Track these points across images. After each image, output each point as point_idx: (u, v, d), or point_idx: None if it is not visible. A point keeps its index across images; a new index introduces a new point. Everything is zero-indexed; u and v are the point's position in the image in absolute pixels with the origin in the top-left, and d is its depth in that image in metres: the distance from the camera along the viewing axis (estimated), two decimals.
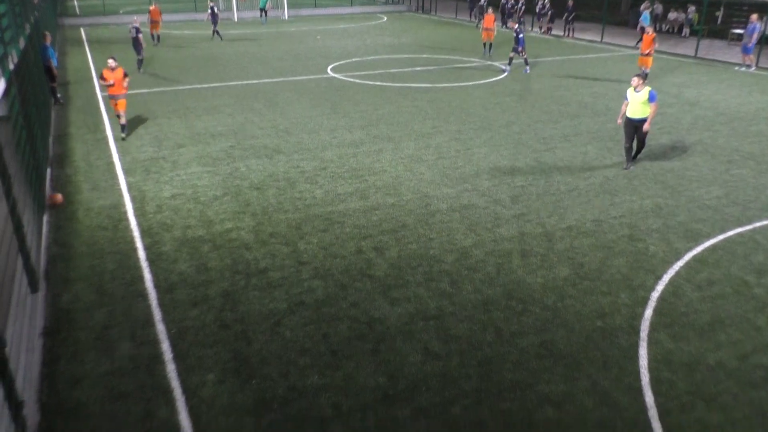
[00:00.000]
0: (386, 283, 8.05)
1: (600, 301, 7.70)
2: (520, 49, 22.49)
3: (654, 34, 20.99)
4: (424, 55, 22.96)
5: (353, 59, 25.26)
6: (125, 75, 14.00)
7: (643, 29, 26.75)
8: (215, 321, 7.21)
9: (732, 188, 11.39)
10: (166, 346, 6.72)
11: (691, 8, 28.92)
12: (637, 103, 11.79)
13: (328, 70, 22.85)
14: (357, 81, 20.98)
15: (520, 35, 22.35)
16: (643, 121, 11.84)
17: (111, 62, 13.80)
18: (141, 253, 8.78)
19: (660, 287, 8.02)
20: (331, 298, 7.73)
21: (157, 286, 7.93)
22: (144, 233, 9.41)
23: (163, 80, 21.04)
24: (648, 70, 21.16)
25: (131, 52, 23.25)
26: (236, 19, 40.14)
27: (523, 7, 35.87)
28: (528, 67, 23.02)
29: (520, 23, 28.66)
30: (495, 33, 26.28)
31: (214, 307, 7.50)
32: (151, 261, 8.56)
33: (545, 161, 12.80)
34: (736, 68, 23.81)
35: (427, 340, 6.90)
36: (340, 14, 45.67)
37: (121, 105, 14.04)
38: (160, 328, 7.05)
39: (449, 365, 6.50)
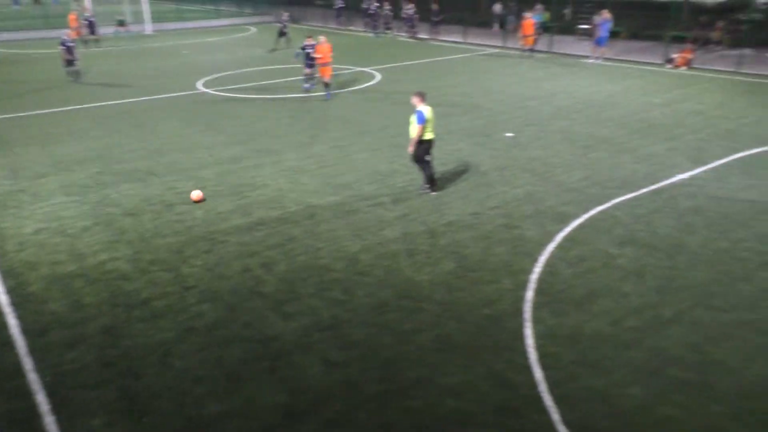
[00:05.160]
0: (278, 299, 7.93)
1: (485, 289, 8.05)
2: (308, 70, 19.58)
3: (533, 20, 26.22)
4: (298, 65, 22.85)
5: (225, 73, 24.65)
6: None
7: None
8: (97, 360, 6.74)
9: (591, 171, 12.35)
10: (41, 397, 6.18)
11: (539, 6, 31.10)
12: (412, 123, 10.78)
13: (200, 86, 22.13)
14: (231, 95, 20.50)
15: (307, 50, 19.13)
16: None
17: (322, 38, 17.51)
18: (3, 298, 8.02)
19: (538, 269, 8.52)
20: (221, 320, 7.48)
21: (25, 331, 7.27)
22: (6, 275, 8.60)
23: (17, 104, 19.35)
24: (533, 46, 26.69)
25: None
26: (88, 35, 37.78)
27: (391, 13, 36.72)
28: (307, 86, 19.93)
29: (381, 28, 29.50)
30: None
31: (95, 345, 7.01)
32: (16, 305, 7.84)
33: None
34: (589, 60, 25.83)
35: (325, 351, 6.87)
36: (208, 27, 44.38)
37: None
38: (33, 377, 6.47)
39: (350, 372, 6.52)
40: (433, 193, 11.22)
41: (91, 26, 32.42)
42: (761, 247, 8.98)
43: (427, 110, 10.67)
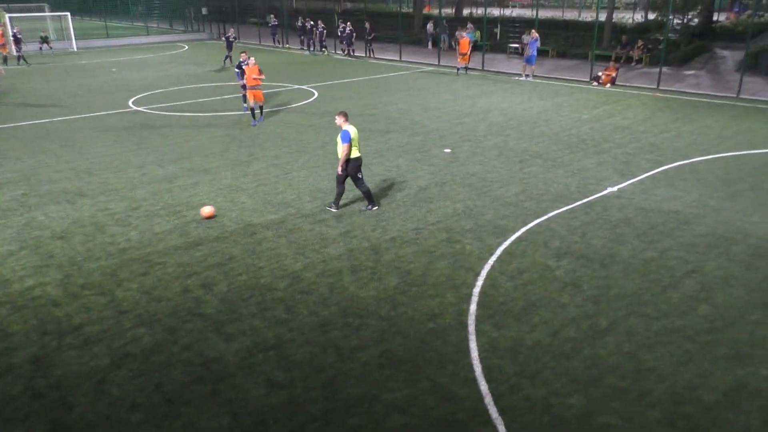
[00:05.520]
0: (219, 320, 7.73)
1: (429, 303, 8.12)
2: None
3: (468, 38, 27.41)
4: (231, 83, 22.57)
5: (156, 91, 24.07)
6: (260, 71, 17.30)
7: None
8: (25, 391, 6.36)
9: (526, 185, 12.72)
10: None
11: (470, 26, 32.08)
12: (338, 144, 10.80)
13: (130, 104, 21.51)
14: (163, 113, 20.01)
15: (243, 66, 17.94)
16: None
17: (251, 60, 17.26)
18: None
19: (480, 282, 8.67)
20: (159, 344, 7.22)
21: None
22: None
23: None
24: (467, 64, 27.85)
25: None
26: (14, 53, 36.20)
27: (324, 31, 36.85)
28: (246, 106, 18.73)
29: (316, 46, 29.78)
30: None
31: (22, 375, 6.62)
32: None
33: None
34: (521, 78, 26.72)
35: (268, 371, 6.74)
36: (137, 44, 43.30)
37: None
38: None
39: (294, 392, 6.41)
40: (374, 208, 11.27)
41: (18, 43, 31.34)
42: (686, 256, 9.46)
43: (352, 129, 10.72)
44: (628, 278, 8.79)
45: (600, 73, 25.48)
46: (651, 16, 39.94)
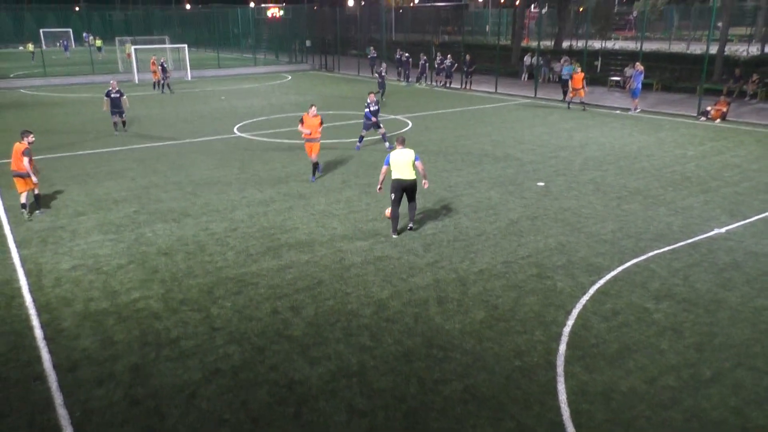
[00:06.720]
0: (305, 343, 7.89)
1: (516, 340, 7.89)
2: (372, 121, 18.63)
3: (583, 74, 26.13)
4: (330, 112, 23.39)
5: (260, 118, 25.29)
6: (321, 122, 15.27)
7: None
8: (124, 398, 6.75)
9: (624, 222, 12.18)
10: None
11: (566, 58, 31.45)
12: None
13: (235, 130, 22.70)
14: (264, 139, 20.96)
15: (372, 107, 18.36)
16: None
17: (312, 109, 15.11)
18: (38, 332, 8.14)
19: (570, 321, 8.34)
20: (248, 362, 7.46)
21: (57, 366, 7.35)
22: (41, 309, 8.76)
23: (60, 145, 20.08)
24: (583, 98, 26.39)
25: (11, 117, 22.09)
26: (137, 81, 39.32)
27: (426, 63, 37.21)
28: (388, 143, 19.11)
29: (413, 77, 29.74)
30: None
31: (123, 382, 7.03)
32: (49, 339, 7.95)
33: (453, 208, 13.20)
34: (632, 112, 25.71)
35: (350, 398, 6.78)
36: (245, 74, 45.81)
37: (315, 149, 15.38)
38: (62, 412, 6.50)
39: (375, 421, 6.40)
40: (410, 227, 11.71)
41: (164, 71, 34.42)
42: None
43: (396, 153, 11.19)
44: (736, 326, 8.15)
45: (709, 108, 24.14)
46: None
